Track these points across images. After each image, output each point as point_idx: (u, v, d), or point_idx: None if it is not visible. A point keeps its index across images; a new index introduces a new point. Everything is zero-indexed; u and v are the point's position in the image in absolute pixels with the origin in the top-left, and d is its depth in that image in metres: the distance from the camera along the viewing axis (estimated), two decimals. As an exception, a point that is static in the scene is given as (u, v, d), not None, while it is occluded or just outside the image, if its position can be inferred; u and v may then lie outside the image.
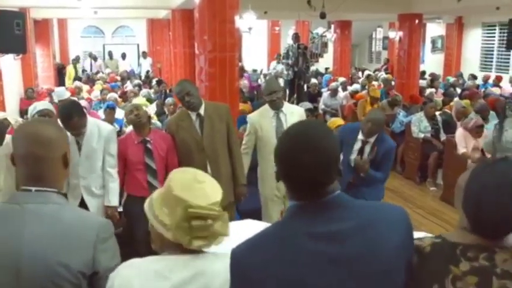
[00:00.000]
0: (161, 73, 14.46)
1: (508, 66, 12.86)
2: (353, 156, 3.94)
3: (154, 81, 11.10)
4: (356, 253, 1.22)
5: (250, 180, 4.19)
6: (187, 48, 8.35)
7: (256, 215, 4.05)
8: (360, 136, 3.96)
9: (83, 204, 3.59)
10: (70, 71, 14.16)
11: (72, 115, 3.39)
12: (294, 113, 4.02)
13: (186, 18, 8.27)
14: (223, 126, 3.87)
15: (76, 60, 14.95)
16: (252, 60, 16.49)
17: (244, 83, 10.41)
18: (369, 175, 3.82)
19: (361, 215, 1.27)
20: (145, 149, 3.74)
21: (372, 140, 3.91)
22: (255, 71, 14.58)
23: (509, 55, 12.63)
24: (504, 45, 12.00)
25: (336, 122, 4.93)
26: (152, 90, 9.93)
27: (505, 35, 11.63)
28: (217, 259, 1.49)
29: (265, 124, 3.99)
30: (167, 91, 9.71)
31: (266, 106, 4.08)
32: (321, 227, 1.23)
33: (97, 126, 3.62)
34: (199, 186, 1.48)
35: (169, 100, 7.05)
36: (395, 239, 1.26)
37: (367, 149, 3.92)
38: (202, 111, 3.80)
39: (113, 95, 8.15)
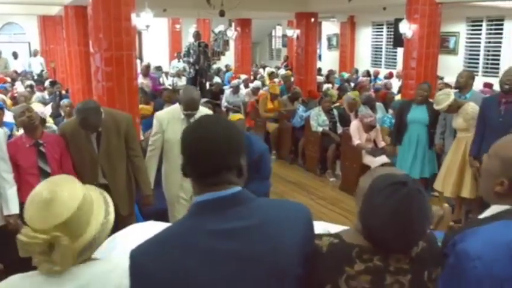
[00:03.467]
0: (55, 73, 13.65)
1: (396, 62, 13.84)
2: None
3: (47, 82, 10.44)
4: (257, 250, 1.24)
5: (155, 181, 4.08)
6: (82, 46, 7.98)
7: (160, 216, 3.99)
8: None
9: None
10: None
11: None
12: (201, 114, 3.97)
13: (80, 15, 7.90)
14: (121, 141, 3.73)
15: None
16: (153, 58, 16.13)
17: (146, 82, 10.14)
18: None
19: (262, 213, 1.29)
20: (38, 152, 3.56)
21: None
22: (158, 68, 14.29)
23: (396, 52, 13.59)
24: (391, 43, 12.92)
25: (236, 116, 4.98)
26: (46, 92, 9.34)
27: (392, 33, 12.55)
28: (110, 264, 1.46)
29: (175, 126, 3.86)
30: (63, 92, 9.20)
31: (177, 107, 3.97)
32: (222, 225, 1.24)
33: None
34: (40, 207, 1.36)
35: (64, 101, 6.66)
36: (295, 236, 1.29)
37: None
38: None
39: (0, 96, 7.53)
